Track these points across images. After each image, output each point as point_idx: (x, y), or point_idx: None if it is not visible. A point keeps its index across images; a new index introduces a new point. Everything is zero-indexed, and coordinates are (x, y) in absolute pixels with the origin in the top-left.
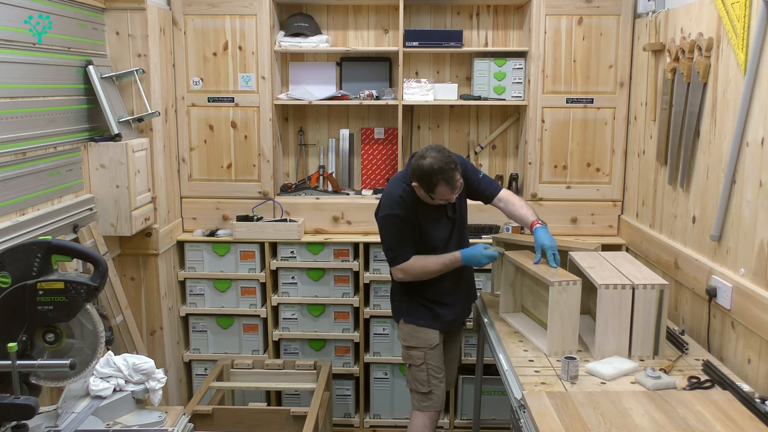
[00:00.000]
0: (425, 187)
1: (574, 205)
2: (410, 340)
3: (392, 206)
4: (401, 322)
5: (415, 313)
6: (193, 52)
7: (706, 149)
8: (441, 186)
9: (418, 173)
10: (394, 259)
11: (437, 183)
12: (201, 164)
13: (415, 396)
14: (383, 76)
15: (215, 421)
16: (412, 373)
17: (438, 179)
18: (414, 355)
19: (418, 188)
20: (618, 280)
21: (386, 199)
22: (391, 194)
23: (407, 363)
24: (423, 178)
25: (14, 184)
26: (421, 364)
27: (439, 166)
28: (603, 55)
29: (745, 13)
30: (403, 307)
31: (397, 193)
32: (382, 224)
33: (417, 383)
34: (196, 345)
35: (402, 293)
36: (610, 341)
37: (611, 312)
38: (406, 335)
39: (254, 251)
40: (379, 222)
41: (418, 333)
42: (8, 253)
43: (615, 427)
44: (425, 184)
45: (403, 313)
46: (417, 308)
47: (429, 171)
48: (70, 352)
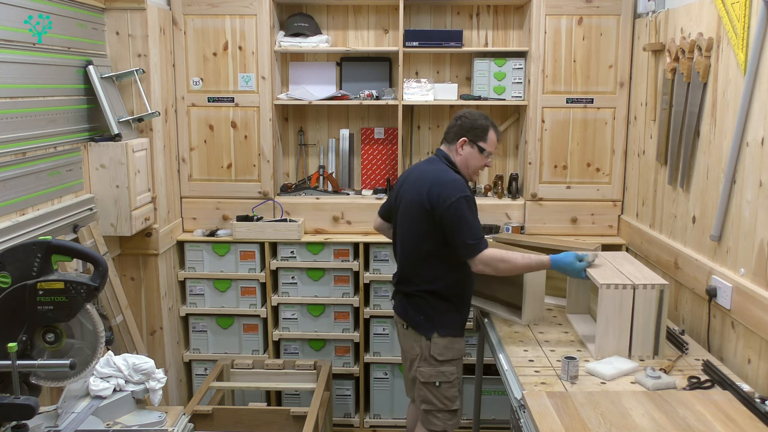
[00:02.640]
0: (477, 135)
1: (574, 205)
2: (446, 353)
3: (463, 188)
4: (435, 337)
5: (450, 323)
6: (193, 52)
7: (706, 149)
8: (491, 131)
9: (469, 122)
10: (476, 247)
11: (488, 127)
12: (201, 164)
13: (438, 417)
14: (383, 76)
15: (215, 421)
16: (442, 391)
17: (488, 123)
18: (447, 371)
19: (463, 145)
20: (618, 280)
21: (453, 183)
22: (455, 179)
23: (435, 381)
24: (474, 125)
25: (14, 184)
26: (455, 379)
27: (483, 113)
28: (603, 55)
29: (745, 13)
30: (438, 318)
31: (459, 176)
32: (460, 209)
33: (447, 401)
34: (196, 345)
35: (439, 302)
36: (611, 341)
37: (612, 312)
38: (443, 349)
39: (254, 251)
40: (452, 208)
41: (454, 345)
42: (8, 253)
43: (615, 427)
44: (477, 130)
45: (438, 326)
46: (451, 316)
47: (479, 117)
48: (70, 352)
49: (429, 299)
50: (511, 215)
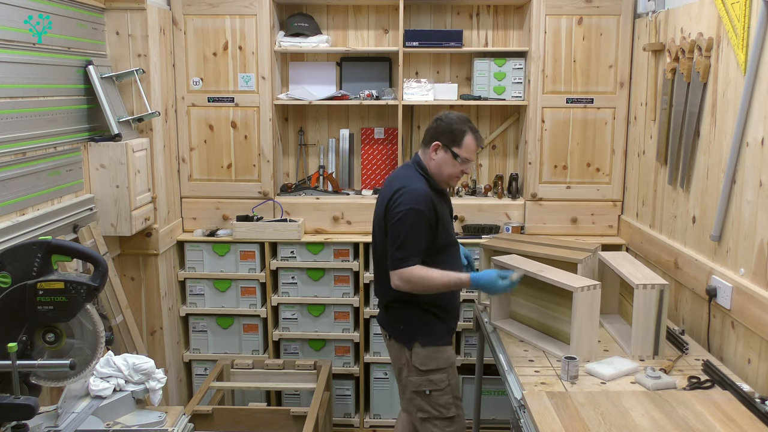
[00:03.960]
0: (452, 139)
1: (574, 205)
2: (430, 363)
3: (417, 200)
4: (416, 347)
5: (432, 332)
6: (193, 52)
7: (706, 149)
8: (468, 136)
9: (445, 125)
10: (400, 262)
11: (465, 132)
12: (201, 164)
13: (436, 424)
14: (383, 76)
15: (215, 421)
16: (432, 399)
17: (466, 128)
18: (436, 379)
19: (437, 150)
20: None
21: (411, 193)
22: (417, 189)
23: (425, 390)
24: (450, 128)
25: (14, 184)
26: (446, 387)
27: (464, 116)
28: (603, 55)
29: (745, 13)
30: (415, 327)
31: (423, 188)
32: (401, 219)
33: (440, 408)
34: (196, 345)
35: (413, 309)
36: (584, 342)
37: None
38: (425, 359)
39: (254, 251)
40: (397, 216)
41: (437, 354)
42: (8, 253)
43: (615, 427)
44: (452, 134)
45: (417, 336)
46: (431, 324)
47: (457, 120)
48: (70, 352)
49: (405, 309)
50: (511, 215)
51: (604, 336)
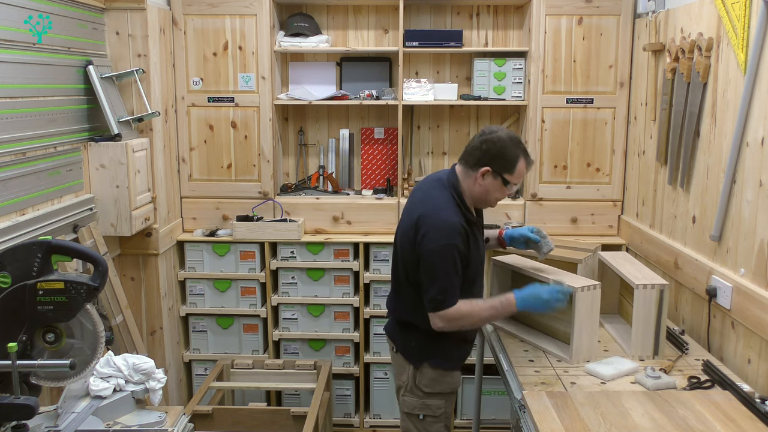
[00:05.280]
0: (504, 165)
1: (574, 205)
2: (434, 386)
3: (452, 235)
4: (425, 367)
5: (445, 355)
6: (193, 52)
7: (706, 149)
8: (521, 162)
9: (497, 149)
10: (442, 303)
11: (518, 157)
12: (201, 164)
13: None
14: (383, 76)
15: (215, 421)
16: (425, 425)
17: (519, 152)
18: (433, 405)
19: (485, 175)
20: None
21: (444, 226)
22: (449, 221)
23: (419, 414)
24: (503, 153)
25: (14, 184)
26: (441, 414)
27: (515, 136)
28: (603, 55)
29: (745, 13)
30: (428, 347)
31: (455, 219)
32: (438, 258)
33: None
34: (196, 345)
35: (429, 330)
36: (584, 342)
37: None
38: (431, 381)
39: (254, 251)
40: (431, 255)
41: (444, 378)
42: (8, 253)
43: (615, 427)
44: (505, 160)
45: (428, 356)
46: (446, 348)
47: (509, 143)
48: (70, 352)
49: (420, 329)
50: (511, 215)
51: (604, 336)
